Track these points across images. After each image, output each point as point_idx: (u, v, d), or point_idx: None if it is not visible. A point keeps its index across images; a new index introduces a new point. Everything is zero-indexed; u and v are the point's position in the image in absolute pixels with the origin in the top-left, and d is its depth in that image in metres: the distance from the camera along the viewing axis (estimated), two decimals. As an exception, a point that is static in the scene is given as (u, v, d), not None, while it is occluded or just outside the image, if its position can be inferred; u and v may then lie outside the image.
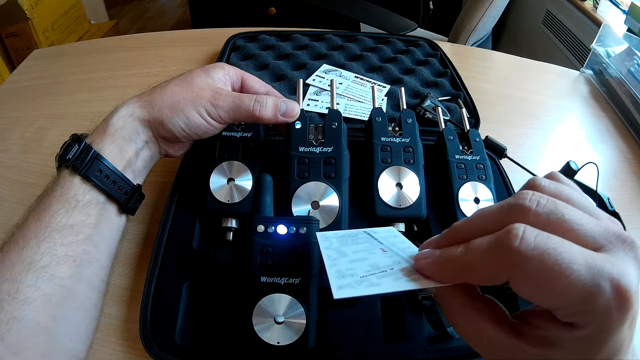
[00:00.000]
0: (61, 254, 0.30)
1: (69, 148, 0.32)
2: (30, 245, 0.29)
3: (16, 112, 0.59)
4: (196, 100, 0.35)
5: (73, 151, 0.31)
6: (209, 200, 0.41)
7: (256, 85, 0.41)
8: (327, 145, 0.41)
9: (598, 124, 0.66)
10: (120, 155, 0.33)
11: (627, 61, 0.69)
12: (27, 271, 0.28)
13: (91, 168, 0.31)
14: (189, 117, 0.35)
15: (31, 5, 1.60)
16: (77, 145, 0.31)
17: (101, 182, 0.31)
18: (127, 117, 0.34)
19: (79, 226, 0.31)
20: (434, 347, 0.36)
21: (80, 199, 0.31)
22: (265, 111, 0.37)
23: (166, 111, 0.35)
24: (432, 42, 0.72)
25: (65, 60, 0.70)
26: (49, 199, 0.30)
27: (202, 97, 0.35)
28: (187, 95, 0.35)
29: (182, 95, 0.35)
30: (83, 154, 0.31)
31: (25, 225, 0.30)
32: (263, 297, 0.33)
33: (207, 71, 0.37)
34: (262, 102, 0.37)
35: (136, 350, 0.36)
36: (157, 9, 2.81)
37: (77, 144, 0.32)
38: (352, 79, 0.62)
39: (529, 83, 0.73)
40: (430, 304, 0.36)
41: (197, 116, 0.35)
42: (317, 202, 0.40)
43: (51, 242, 0.29)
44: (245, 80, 0.41)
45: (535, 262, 0.18)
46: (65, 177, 0.31)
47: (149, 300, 0.37)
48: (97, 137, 0.33)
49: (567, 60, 1.44)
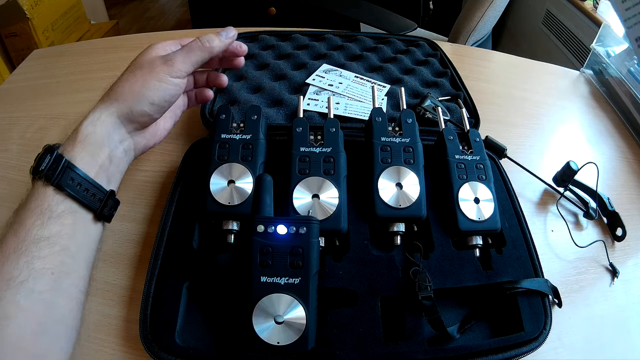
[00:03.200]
0: (39, 267, 0.29)
1: (41, 159, 0.31)
2: (10, 260, 0.29)
3: (16, 112, 0.59)
4: (152, 71, 0.36)
5: (45, 162, 0.31)
6: (209, 202, 0.41)
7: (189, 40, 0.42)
8: (327, 146, 0.43)
9: (598, 124, 0.66)
10: (92, 162, 0.33)
11: (627, 61, 0.69)
12: (7, 288, 0.28)
13: (63, 177, 0.31)
14: (152, 89, 0.36)
15: (31, 5, 1.60)
16: (49, 156, 0.31)
17: (74, 191, 0.31)
18: (96, 121, 0.34)
19: (54, 237, 0.30)
20: (434, 347, 0.36)
21: (55, 209, 0.31)
22: (212, 42, 0.40)
23: (130, 96, 0.36)
24: (432, 42, 0.72)
25: (65, 60, 0.70)
26: (24, 212, 0.30)
27: (155, 66, 0.37)
28: (142, 74, 0.36)
29: (137, 76, 0.36)
30: (55, 164, 0.31)
31: (4, 241, 0.30)
32: (263, 297, 0.33)
33: (146, 50, 0.39)
34: (205, 37, 0.40)
35: (136, 350, 0.36)
36: (157, 9, 2.80)
37: (49, 154, 0.31)
38: (352, 79, 0.62)
39: (529, 83, 0.73)
40: (430, 303, 0.36)
41: (159, 83, 0.37)
42: (317, 195, 0.41)
43: (29, 256, 0.29)
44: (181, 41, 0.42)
45: None
46: (39, 188, 0.31)
47: (149, 300, 0.37)
48: (68, 146, 0.33)
49: (567, 60, 1.44)
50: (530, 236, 0.43)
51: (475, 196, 0.43)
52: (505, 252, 0.42)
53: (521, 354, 0.35)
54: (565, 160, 0.50)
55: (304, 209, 0.40)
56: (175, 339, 0.35)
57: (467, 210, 0.42)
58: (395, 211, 0.42)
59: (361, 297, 0.37)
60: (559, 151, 0.60)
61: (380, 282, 0.38)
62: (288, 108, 0.56)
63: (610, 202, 0.50)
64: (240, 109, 0.55)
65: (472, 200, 0.43)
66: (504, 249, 0.42)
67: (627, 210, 0.50)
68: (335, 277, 0.39)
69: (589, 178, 0.50)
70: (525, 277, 0.40)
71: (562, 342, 0.39)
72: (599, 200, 0.50)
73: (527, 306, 0.38)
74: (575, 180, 0.50)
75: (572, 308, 0.41)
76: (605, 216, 0.50)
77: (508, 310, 0.39)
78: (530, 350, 0.35)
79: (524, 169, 0.52)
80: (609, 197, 0.50)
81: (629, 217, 0.49)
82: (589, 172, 0.50)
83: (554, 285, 0.40)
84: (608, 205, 0.49)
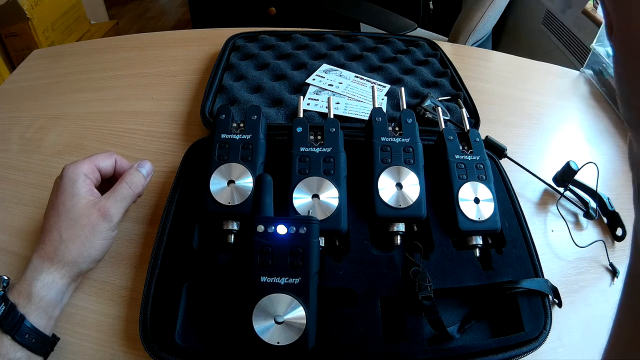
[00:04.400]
0: None
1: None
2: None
3: (16, 112, 0.59)
4: (94, 230, 0.37)
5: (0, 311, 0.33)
6: (209, 202, 0.41)
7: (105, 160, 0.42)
8: (327, 146, 0.43)
9: (598, 124, 0.66)
10: (46, 317, 0.35)
11: (627, 61, 0.69)
12: None
13: (19, 332, 0.33)
14: (99, 248, 0.38)
15: (31, 5, 1.60)
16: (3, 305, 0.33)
17: (28, 344, 0.34)
18: (50, 284, 0.36)
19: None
20: (433, 347, 0.36)
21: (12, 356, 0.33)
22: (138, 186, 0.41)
23: (81, 260, 0.37)
24: (432, 42, 0.72)
25: (65, 60, 0.70)
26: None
27: (96, 225, 0.37)
28: (85, 234, 0.37)
29: (81, 236, 0.37)
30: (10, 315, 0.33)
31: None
32: (263, 297, 0.33)
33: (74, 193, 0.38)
34: (132, 182, 0.41)
35: (136, 350, 0.36)
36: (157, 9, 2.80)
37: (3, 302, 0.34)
38: (352, 79, 0.62)
39: (529, 83, 0.73)
40: (430, 303, 0.36)
41: (104, 242, 0.38)
42: (317, 195, 0.41)
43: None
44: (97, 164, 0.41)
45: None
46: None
47: (149, 300, 0.37)
48: (22, 300, 0.35)
49: (567, 60, 1.44)
50: (530, 236, 0.43)
51: (475, 196, 0.43)
52: (506, 252, 0.42)
53: (521, 354, 0.35)
54: (565, 160, 0.50)
55: (304, 209, 0.40)
56: (175, 339, 0.35)
57: (467, 210, 0.42)
58: (395, 211, 0.42)
59: (361, 297, 0.37)
60: (559, 151, 0.60)
61: (380, 282, 0.38)
62: (288, 108, 0.56)
63: (610, 202, 0.50)
64: (240, 109, 0.55)
65: (472, 200, 0.43)
66: (504, 249, 0.42)
67: (627, 210, 0.50)
68: (335, 277, 0.39)
69: (589, 178, 0.50)
70: (525, 277, 0.40)
71: (562, 342, 0.39)
72: (599, 200, 0.50)
73: (527, 306, 0.38)
74: (576, 180, 0.50)
75: (572, 308, 0.41)
76: (605, 216, 0.50)
77: (508, 310, 0.39)
78: (530, 350, 0.35)
79: (524, 169, 0.52)
80: (609, 197, 0.50)
81: (629, 217, 0.49)
82: (589, 172, 0.50)
83: (554, 285, 0.40)
84: (608, 205, 0.49)
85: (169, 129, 0.56)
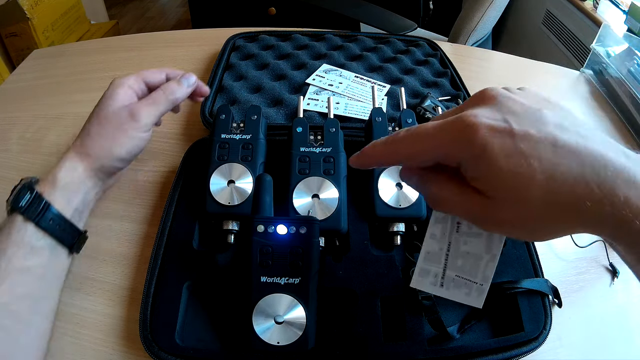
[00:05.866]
0: (19, 292, 0.32)
1: (20, 195, 0.34)
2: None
3: (16, 112, 0.59)
4: (120, 128, 0.39)
5: (25, 199, 0.34)
6: (209, 202, 0.41)
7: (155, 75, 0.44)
8: (327, 146, 0.43)
9: (598, 124, 0.66)
10: (68, 206, 0.36)
11: (627, 61, 0.69)
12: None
13: (43, 217, 0.34)
14: (123, 147, 0.39)
15: (31, 5, 1.60)
16: (29, 194, 0.34)
17: (52, 230, 0.34)
18: (72, 172, 0.37)
19: (34, 267, 0.33)
20: (433, 347, 0.36)
21: (34, 244, 0.34)
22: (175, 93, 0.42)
23: (102, 153, 0.38)
24: (432, 42, 0.72)
25: (65, 60, 0.70)
26: (4, 243, 0.33)
27: (123, 123, 0.39)
28: (111, 130, 0.39)
29: (108, 132, 0.39)
30: (35, 203, 0.34)
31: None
32: (263, 297, 0.33)
33: (112, 97, 0.40)
34: (169, 89, 0.42)
35: (136, 350, 0.36)
36: (157, 9, 2.81)
37: (28, 191, 0.34)
38: (352, 79, 0.62)
39: (529, 83, 0.73)
40: (430, 303, 0.36)
41: (129, 140, 0.39)
42: (317, 195, 0.41)
43: (10, 283, 0.32)
44: (144, 77, 0.43)
45: None
46: (18, 222, 0.33)
47: (149, 300, 0.37)
48: (47, 187, 0.36)
49: (567, 60, 1.44)
50: (530, 236, 0.43)
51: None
52: (505, 252, 0.42)
53: (521, 354, 0.35)
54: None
55: (304, 209, 0.40)
56: (175, 339, 0.35)
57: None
58: (395, 211, 0.42)
59: (361, 297, 0.37)
60: (559, 151, 0.60)
61: (380, 282, 0.38)
62: (288, 108, 0.56)
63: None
64: (240, 109, 0.55)
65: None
66: (504, 249, 0.42)
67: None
68: (335, 277, 0.39)
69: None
70: (525, 277, 0.40)
71: (562, 342, 0.39)
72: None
73: (527, 306, 0.38)
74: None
75: (572, 308, 0.41)
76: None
77: (508, 310, 0.39)
78: (530, 350, 0.35)
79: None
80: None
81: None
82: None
83: (554, 285, 0.40)
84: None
85: (169, 129, 0.56)
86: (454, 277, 0.29)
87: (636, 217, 0.21)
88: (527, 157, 0.21)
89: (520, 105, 0.23)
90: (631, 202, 0.21)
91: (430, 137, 0.24)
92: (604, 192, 0.21)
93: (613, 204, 0.21)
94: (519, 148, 0.22)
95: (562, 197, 0.21)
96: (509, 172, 0.22)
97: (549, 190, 0.21)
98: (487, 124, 0.22)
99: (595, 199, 0.21)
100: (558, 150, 0.21)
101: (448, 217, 0.29)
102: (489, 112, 0.23)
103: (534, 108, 0.23)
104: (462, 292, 0.29)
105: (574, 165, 0.21)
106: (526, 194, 0.22)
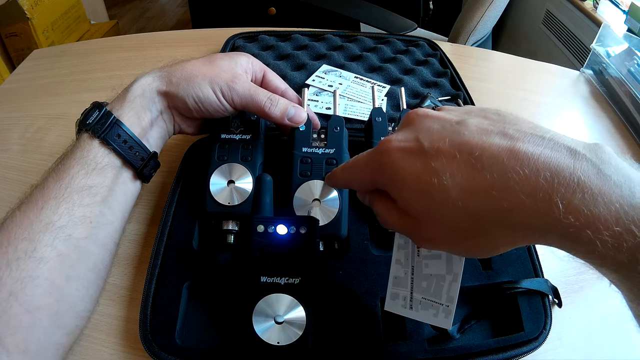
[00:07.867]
0: (79, 214, 0.30)
1: (89, 114, 0.33)
2: (50, 205, 0.30)
3: (16, 112, 0.59)
4: (213, 79, 0.37)
5: (93, 116, 0.32)
6: (209, 202, 0.41)
7: (276, 81, 0.43)
8: (329, 147, 0.42)
9: (598, 124, 0.66)
10: (137, 122, 0.34)
11: (627, 61, 0.69)
12: (45, 231, 0.29)
13: (110, 132, 0.32)
14: (203, 92, 0.37)
15: (31, 5, 1.60)
16: (97, 111, 0.33)
17: (119, 147, 0.33)
18: (146, 86, 0.36)
19: (97, 188, 0.32)
20: (433, 347, 0.36)
21: (99, 161, 0.32)
22: (274, 110, 0.39)
23: (182, 84, 0.36)
24: (432, 42, 0.72)
25: (65, 60, 0.70)
26: (68, 161, 0.31)
27: (220, 77, 0.37)
28: (206, 72, 0.37)
29: (201, 71, 0.37)
30: (103, 119, 0.32)
31: (45, 186, 0.31)
32: (263, 297, 0.33)
33: (232, 56, 0.39)
34: (274, 102, 0.39)
35: (136, 350, 0.36)
36: (157, 9, 2.81)
37: (97, 110, 0.33)
38: (352, 79, 0.62)
39: (529, 83, 0.73)
40: (430, 304, 0.36)
41: (211, 92, 0.37)
42: (318, 200, 0.40)
43: (70, 203, 0.30)
44: (266, 74, 0.42)
45: None
46: (84, 140, 0.32)
47: (149, 300, 0.37)
48: (117, 103, 0.34)
49: (567, 60, 1.44)
50: (530, 236, 0.43)
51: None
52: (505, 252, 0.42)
53: (521, 354, 0.35)
54: (565, 160, 0.50)
55: (304, 213, 0.40)
56: (175, 339, 0.35)
57: None
58: (395, 211, 0.41)
59: (361, 297, 0.37)
60: (559, 151, 0.60)
61: (380, 282, 0.38)
62: (288, 108, 0.55)
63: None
64: (240, 109, 0.55)
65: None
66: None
67: (627, 210, 0.50)
68: (335, 277, 0.39)
69: (589, 178, 0.50)
70: (525, 277, 0.40)
71: (562, 342, 0.39)
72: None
73: (527, 306, 0.38)
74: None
75: (572, 308, 0.41)
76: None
77: (508, 310, 0.39)
78: (530, 350, 0.35)
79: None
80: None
81: (629, 217, 0.49)
82: (589, 172, 0.50)
83: (554, 285, 0.40)
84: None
85: (169, 129, 0.56)
86: (420, 299, 0.30)
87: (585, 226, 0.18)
88: (439, 174, 0.20)
89: (438, 121, 0.22)
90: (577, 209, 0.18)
91: (359, 166, 0.25)
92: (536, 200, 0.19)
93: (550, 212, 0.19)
94: (429, 166, 0.21)
95: (485, 211, 0.20)
96: (420, 192, 0.21)
97: (467, 206, 0.20)
98: (397, 147, 0.22)
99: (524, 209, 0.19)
100: (476, 161, 0.20)
101: (409, 242, 0.30)
102: (403, 134, 0.23)
103: (453, 121, 0.22)
104: (430, 313, 0.30)
105: (496, 174, 0.19)
106: (443, 211, 0.21)
